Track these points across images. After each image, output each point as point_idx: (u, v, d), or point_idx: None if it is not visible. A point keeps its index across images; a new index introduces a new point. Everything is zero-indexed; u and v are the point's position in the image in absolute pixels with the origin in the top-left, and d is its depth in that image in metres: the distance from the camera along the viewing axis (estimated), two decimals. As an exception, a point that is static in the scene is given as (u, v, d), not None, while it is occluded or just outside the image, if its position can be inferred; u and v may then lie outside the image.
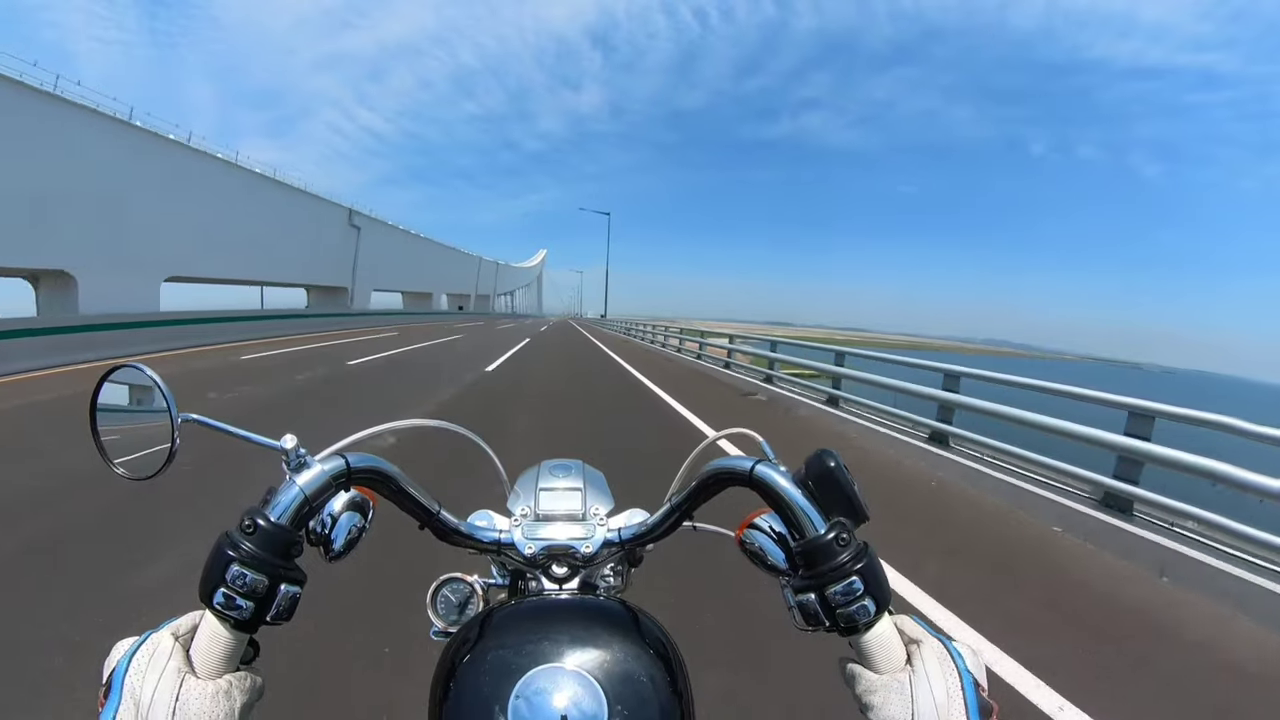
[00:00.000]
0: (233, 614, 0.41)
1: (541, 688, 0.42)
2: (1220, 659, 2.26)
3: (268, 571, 0.42)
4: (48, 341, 8.79)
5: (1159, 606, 2.67)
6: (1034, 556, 3.20)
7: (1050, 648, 2.23)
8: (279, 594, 0.43)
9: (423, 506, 0.56)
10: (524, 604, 0.53)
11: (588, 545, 0.59)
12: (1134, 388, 4.33)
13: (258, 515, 0.44)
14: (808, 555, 0.45)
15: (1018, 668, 2.07)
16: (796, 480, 0.48)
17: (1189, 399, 3.64)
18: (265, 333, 15.65)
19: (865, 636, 0.43)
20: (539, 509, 0.62)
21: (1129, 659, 2.24)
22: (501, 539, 0.60)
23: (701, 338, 14.60)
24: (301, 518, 0.46)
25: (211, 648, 0.40)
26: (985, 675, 0.41)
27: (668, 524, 0.58)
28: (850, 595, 0.43)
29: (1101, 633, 2.41)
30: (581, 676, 0.42)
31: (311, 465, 0.48)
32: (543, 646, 0.45)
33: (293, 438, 0.48)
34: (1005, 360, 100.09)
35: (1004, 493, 4.16)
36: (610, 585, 0.65)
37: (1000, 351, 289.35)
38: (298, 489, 0.46)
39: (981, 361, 6.32)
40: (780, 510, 0.49)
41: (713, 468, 0.53)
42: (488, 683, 0.43)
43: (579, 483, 0.65)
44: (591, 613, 0.51)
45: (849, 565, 0.43)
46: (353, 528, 0.54)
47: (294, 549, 0.45)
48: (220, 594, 0.41)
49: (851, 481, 0.47)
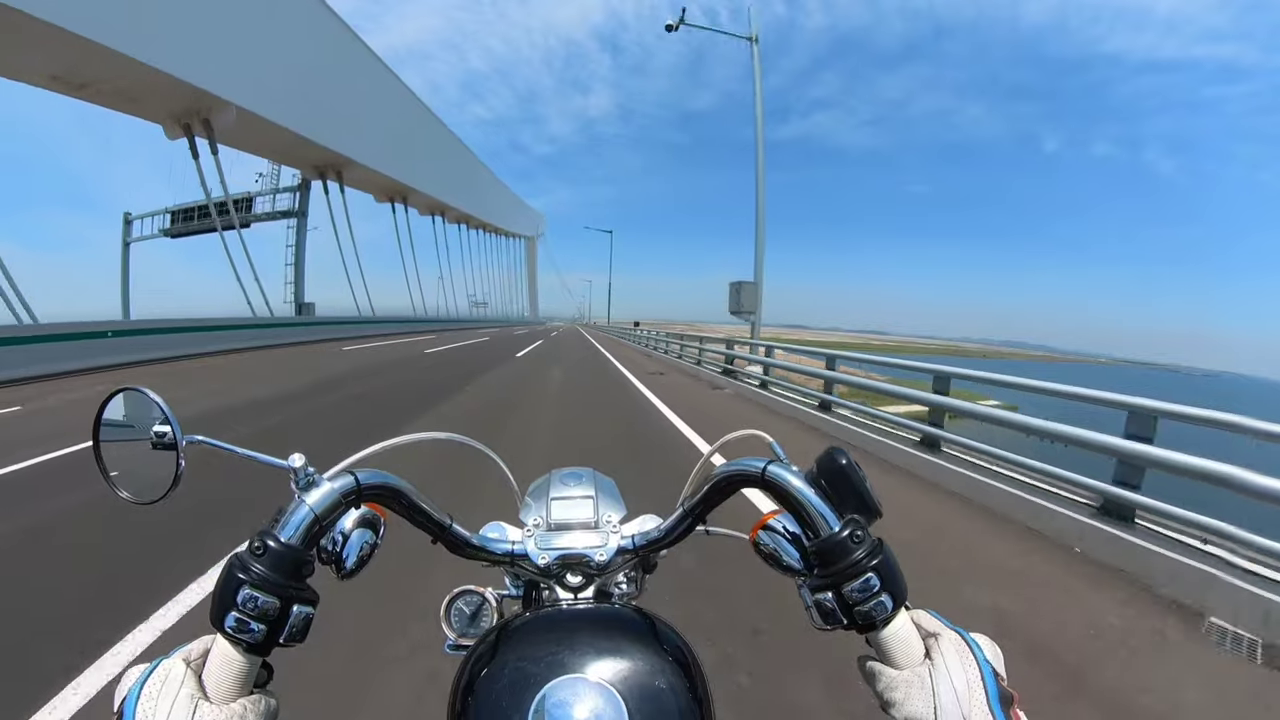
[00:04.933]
0: (245, 638, 0.41)
1: (562, 699, 0.41)
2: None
3: (279, 593, 0.42)
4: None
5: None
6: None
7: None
8: (291, 615, 0.43)
9: (434, 521, 0.55)
10: (541, 614, 0.53)
11: (601, 553, 0.58)
12: (1179, 393, 3.85)
13: (267, 536, 0.43)
14: (823, 554, 0.45)
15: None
16: (808, 479, 0.48)
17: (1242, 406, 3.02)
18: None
19: (883, 633, 0.43)
20: (551, 518, 0.62)
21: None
22: (515, 550, 0.59)
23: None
24: (312, 537, 0.45)
25: (224, 673, 0.40)
26: (1003, 664, 0.41)
27: (681, 529, 0.57)
28: (867, 592, 0.43)
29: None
30: (602, 687, 0.42)
31: (320, 484, 0.47)
32: (561, 657, 0.44)
33: (300, 456, 0.48)
34: (1056, 365, 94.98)
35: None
36: (625, 592, 0.65)
37: (1021, 354, 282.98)
38: (307, 508, 0.45)
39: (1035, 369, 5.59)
40: (793, 510, 0.49)
41: (724, 470, 0.53)
42: (507, 695, 0.42)
43: (591, 490, 0.65)
44: (609, 622, 0.50)
45: (865, 562, 0.43)
46: (364, 545, 0.54)
47: (305, 569, 0.45)
48: (232, 618, 0.41)
49: (864, 478, 0.47)
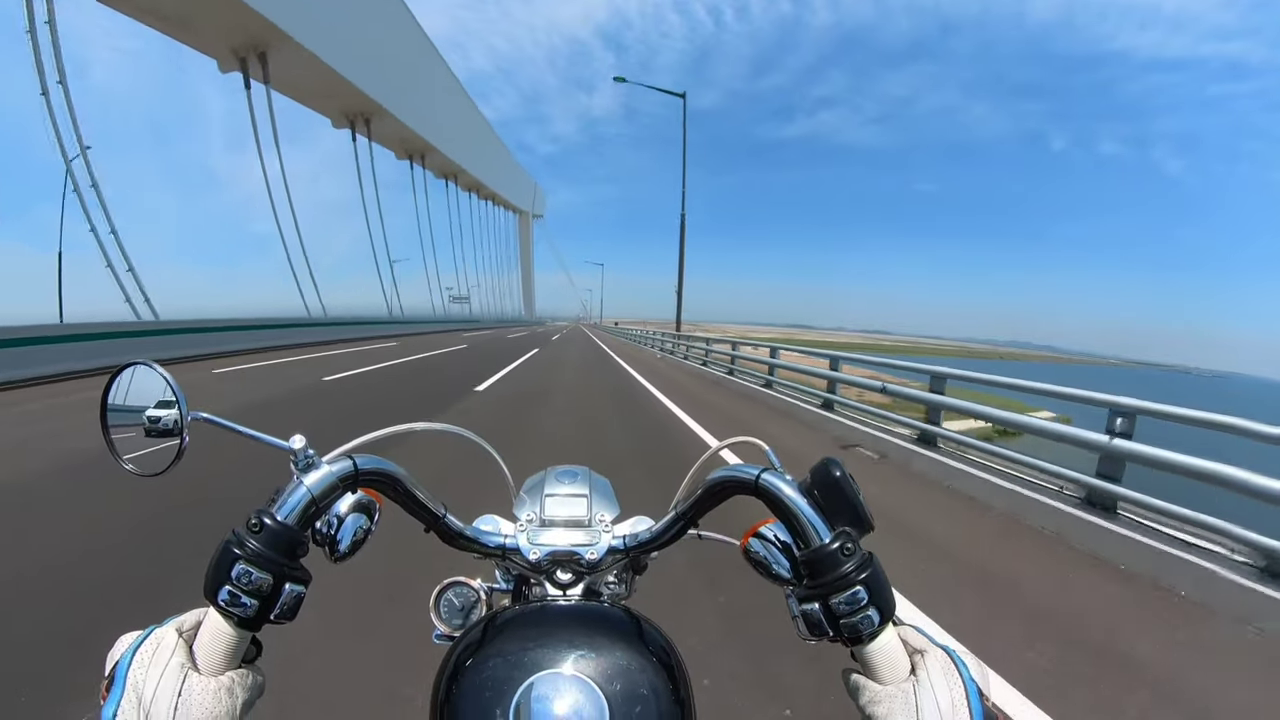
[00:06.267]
0: (237, 611, 0.41)
1: (543, 693, 0.41)
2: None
3: (273, 570, 0.42)
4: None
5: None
6: None
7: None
8: (284, 593, 0.43)
9: (429, 510, 0.56)
10: (527, 609, 0.53)
11: (592, 552, 0.59)
12: (1184, 395, 3.93)
13: (264, 514, 0.44)
14: (812, 565, 0.45)
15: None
16: (802, 489, 0.48)
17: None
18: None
19: (869, 647, 0.43)
20: (544, 514, 0.62)
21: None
22: (506, 544, 0.60)
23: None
24: (308, 518, 0.46)
25: (215, 645, 0.41)
26: (989, 683, 0.41)
27: (672, 532, 0.58)
28: (854, 605, 0.43)
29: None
30: (583, 683, 0.42)
31: (319, 466, 0.48)
32: (545, 652, 0.45)
33: (301, 438, 0.49)
34: (1062, 366, 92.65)
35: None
36: (614, 592, 0.65)
37: (1029, 355, 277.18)
38: (305, 489, 0.46)
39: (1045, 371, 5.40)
40: (785, 519, 0.49)
41: (718, 476, 0.53)
42: (490, 687, 0.43)
43: (585, 489, 0.65)
44: (595, 619, 0.51)
45: (853, 575, 0.43)
46: (359, 529, 0.55)
47: (299, 549, 0.45)
48: (225, 591, 0.41)
49: (857, 491, 0.47)
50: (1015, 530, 3.71)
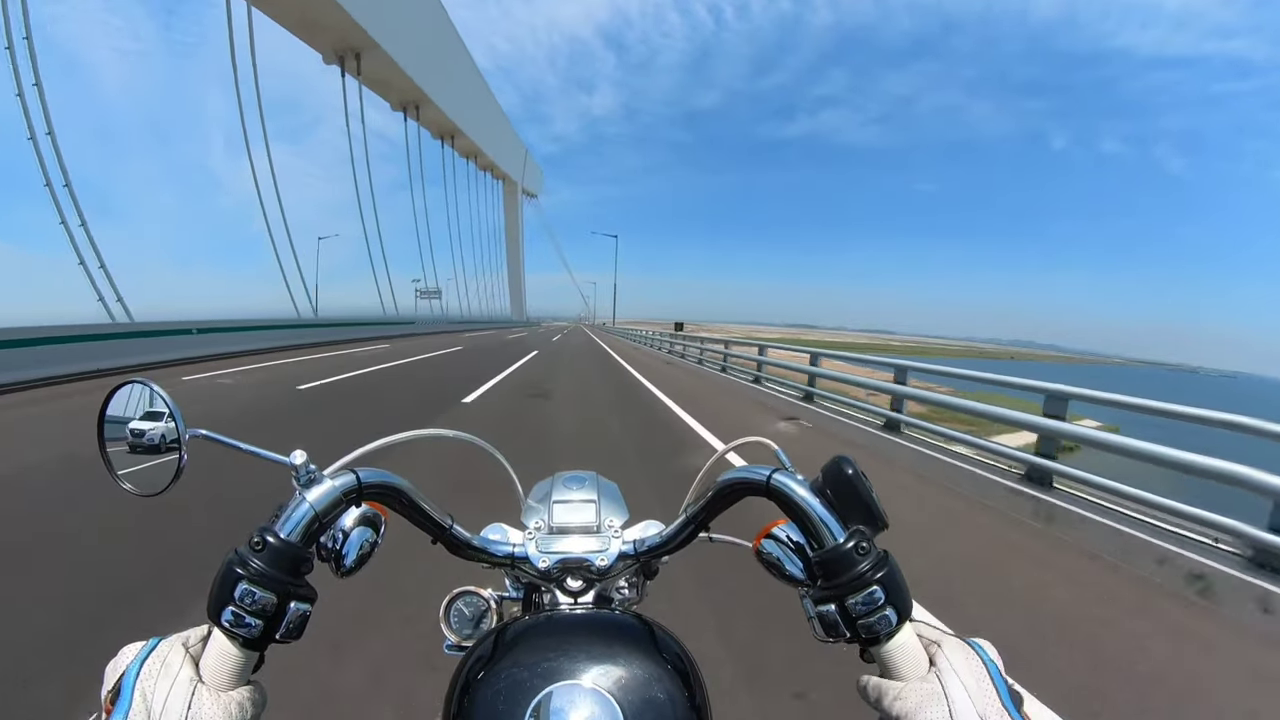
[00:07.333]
0: (241, 632, 0.40)
1: (558, 706, 0.41)
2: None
3: (277, 589, 0.42)
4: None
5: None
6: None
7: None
8: (289, 612, 0.42)
9: (435, 521, 0.55)
10: (539, 619, 0.52)
11: (603, 558, 0.58)
12: (1189, 395, 4.06)
13: (267, 532, 0.43)
14: (827, 565, 0.44)
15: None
16: (814, 489, 0.48)
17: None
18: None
19: (887, 646, 0.42)
20: (553, 521, 0.61)
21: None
22: (515, 552, 0.59)
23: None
24: (312, 534, 0.45)
25: (220, 664, 0.40)
26: (1003, 667, 0.41)
27: (683, 535, 0.57)
28: (871, 605, 0.42)
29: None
30: (599, 695, 0.41)
31: (321, 481, 0.47)
32: (559, 663, 0.44)
33: (302, 453, 0.48)
34: (1060, 366, 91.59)
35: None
36: (625, 598, 0.64)
37: (1034, 354, 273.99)
38: (308, 505, 0.45)
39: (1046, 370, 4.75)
40: (798, 520, 0.48)
41: (728, 478, 0.52)
42: (503, 700, 0.42)
43: (593, 495, 0.64)
44: (608, 628, 0.50)
45: (869, 575, 0.42)
46: (364, 543, 0.53)
47: (304, 566, 0.44)
48: (229, 612, 0.41)
49: (870, 489, 0.46)
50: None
